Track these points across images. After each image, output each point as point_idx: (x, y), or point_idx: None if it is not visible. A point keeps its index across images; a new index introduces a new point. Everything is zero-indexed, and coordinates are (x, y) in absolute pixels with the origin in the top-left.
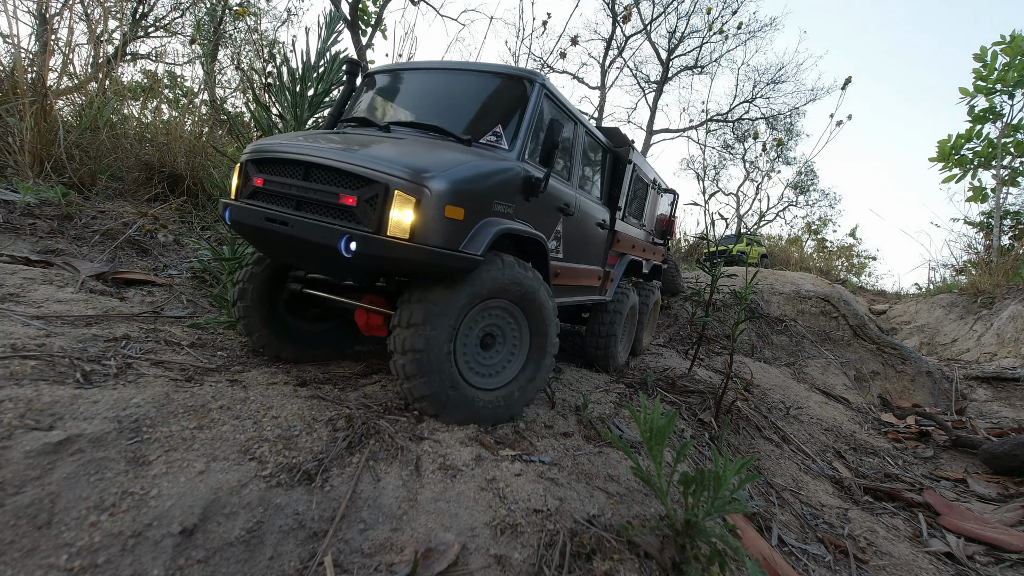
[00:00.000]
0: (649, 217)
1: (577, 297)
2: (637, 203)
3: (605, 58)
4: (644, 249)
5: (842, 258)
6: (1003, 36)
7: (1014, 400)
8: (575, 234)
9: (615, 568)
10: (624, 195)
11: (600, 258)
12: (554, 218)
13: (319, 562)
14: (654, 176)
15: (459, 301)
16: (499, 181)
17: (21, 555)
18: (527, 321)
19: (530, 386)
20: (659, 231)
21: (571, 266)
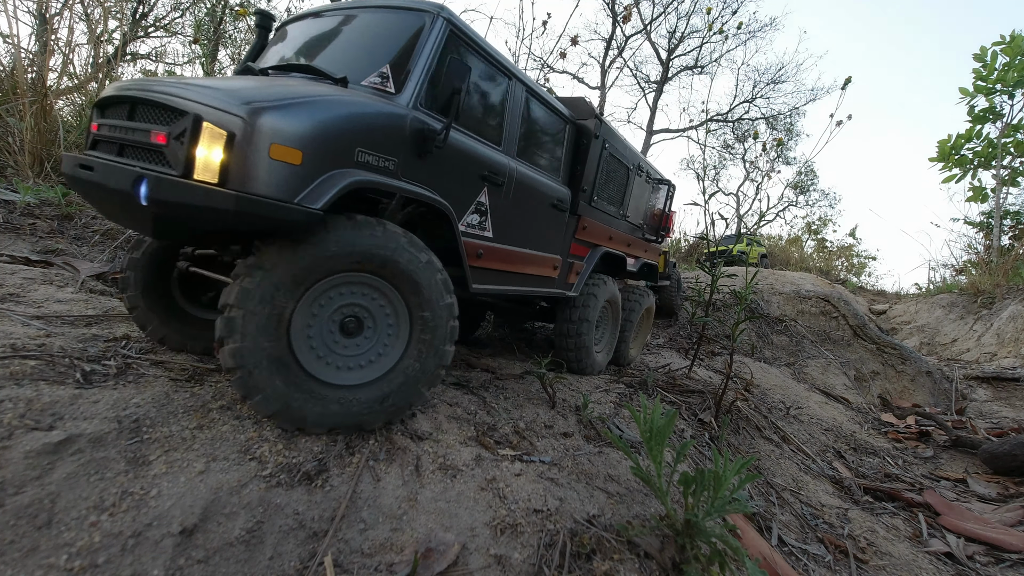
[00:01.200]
0: (635, 208)
1: (520, 287)
2: (614, 189)
3: (605, 58)
4: (629, 244)
5: (842, 258)
6: (1003, 36)
7: (1014, 400)
8: (514, 212)
9: (615, 568)
10: (591, 175)
11: (558, 245)
12: (473, 187)
13: (319, 562)
14: (639, 162)
15: (292, 273)
16: (367, 126)
17: (21, 555)
18: (404, 303)
19: (411, 386)
20: (652, 227)
21: (508, 249)
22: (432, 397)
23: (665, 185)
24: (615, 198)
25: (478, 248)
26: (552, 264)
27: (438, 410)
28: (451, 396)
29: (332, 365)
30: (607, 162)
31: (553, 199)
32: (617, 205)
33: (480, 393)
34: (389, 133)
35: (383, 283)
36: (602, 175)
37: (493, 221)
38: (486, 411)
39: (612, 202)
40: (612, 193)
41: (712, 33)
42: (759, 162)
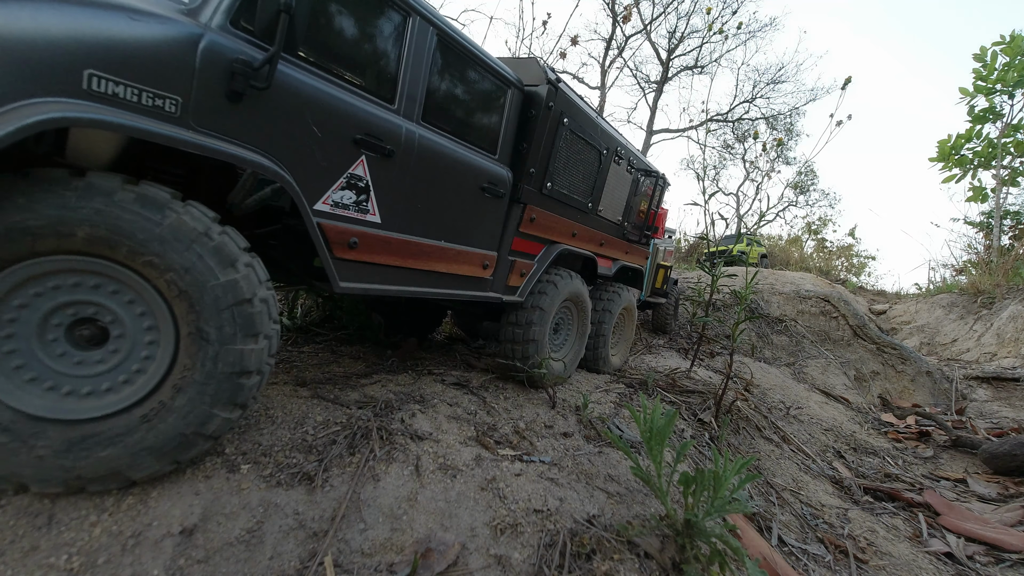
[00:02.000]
0: (612, 202)
1: (431, 288)
2: (579, 176)
3: (605, 58)
4: (601, 243)
5: (842, 258)
6: (1003, 36)
7: (1014, 400)
8: (418, 193)
9: (615, 568)
10: (541, 156)
11: (492, 239)
12: (339, 152)
13: (319, 562)
14: (618, 147)
15: None
16: (110, 40)
17: (21, 555)
18: (165, 302)
19: (172, 419)
20: (636, 225)
21: (407, 240)
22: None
23: (653, 178)
24: (581, 187)
25: (350, 235)
26: (481, 262)
27: (438, 410)
28: (451, 396)
29: (51, 388)
30: (567, 141)
31: (483, 181)
32: (584, 196)
33: (480, 393)
34: (163, 58)
35: (131, 274)
36: (559, 157)
37: (380, 202)
38: (486, 411)
39: (576, 192)
40: (576, 181)
41: (712, 33)
42: (759, 162)
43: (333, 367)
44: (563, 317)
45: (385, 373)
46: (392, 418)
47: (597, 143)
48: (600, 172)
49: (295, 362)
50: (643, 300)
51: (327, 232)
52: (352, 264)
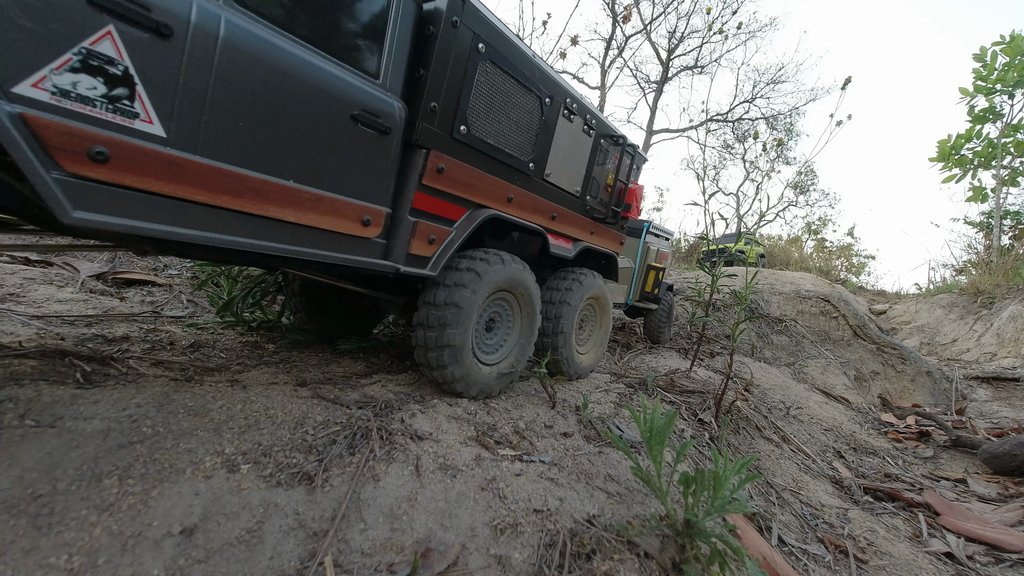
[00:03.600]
0: (566, 168)
1: (276, 244)
2: (512, 126)
3: (605, 58)
4: (554, 215)
5: (841, 258)
6: (1003, 36)
7: (1014, 400)
8: (241, 105)
9: (615, 568)
10: (449, 88)
11: (378, 188)
12: (60, 12)
13: (319, 562)
14: (568, 97)
15: None
16: None
17: (21, 555)
18: None
19: None
20: (603, 201)
21: (217, 168)
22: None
23: (620, 145)
24: (515, 140)
25: (91, 142)
26: (359, 215)
27: (438, 410)
28: (451, 396)
29: None
30: (488, 77)
31: (355, 108)
32: (522, 153)
33: None
34: None
35: None
36: (478, 96)
37: (160, 107)
38: (486, 411)
39: (509, 145)
40: (507, 131)
41: (712, 33)
42: (759, 162)
43: (333, 367)
44: (499, 312)
45: (385, 373)
46: (392, 418)
47: (535, 87)
48: (544, 126)
49: (295, 362)
50: (630, 305)
51: (39, 129)
52: (100, 187)
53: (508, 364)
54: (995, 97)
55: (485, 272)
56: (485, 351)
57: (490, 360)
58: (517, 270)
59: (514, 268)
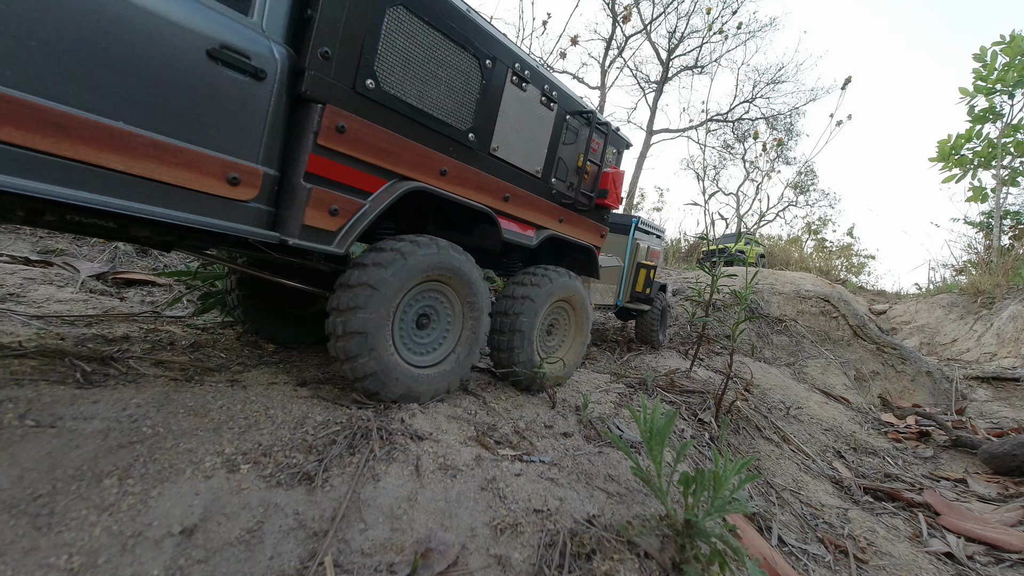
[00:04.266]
0: (521, 143)
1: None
2: (445, 87)
3: (605, 58)
4: (505, 196)
5: (841, 258)
6: (1003, 36)
7: (1014, 400)
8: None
9: (615, 568)
10: (347, 31)
11: (250, 142)
12: None
13: (319, 562)
14: (518, 62)
15: None
16: None
17: (21, 555)
18: None
19: None
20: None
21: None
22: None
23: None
24: (448, 105)
25: None
26: (223, 172)
27: (438, 410)
28: (451, 396)
29: None
30: (404, 27)
31: (212, 43)
32: (459, 120)
33: (480, 393)
34: None
35: None
36: (389, 47)
37: None
38: (486, 411)
39: (441, 110)
40: (436, 94)
41: (712, 33)
42: (759, 162)
43: (333, 367)
44: (434, 307)
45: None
46: (392, 418)
47: (470, 46)
48: (486, 92)
49: (295, 362)
50: (620, 307)
51: None
52: None
53: (443, 369)
54: (995, 97)
55: (412, 254)
56: (415, 350)
57: (421, 362)
58: (455, 258)
59: (451, 256)
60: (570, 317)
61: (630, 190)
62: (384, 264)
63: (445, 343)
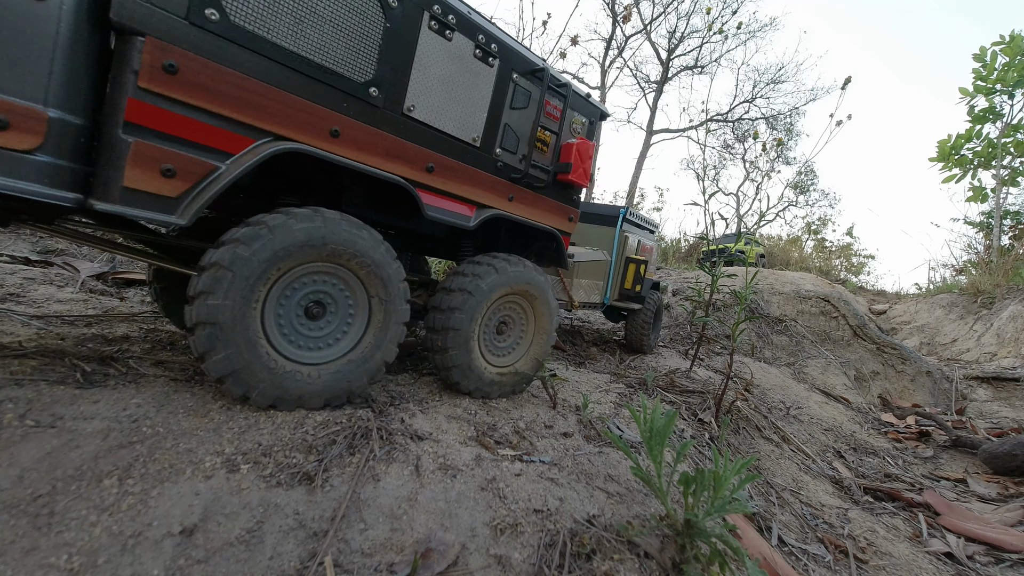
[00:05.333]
0: (449, 102)
1: None
2: (329, 27)
3: (605, 58)
4: (428, 166)
5: (841, 258)
6: (1003, 36)
7: (1014, 400)
8: None
9: (615, 568)
10: None
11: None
12: None
13: (319, 562)
14: (439, 4)
15: None
16: None
17: (21, 555)
18: None
19: None
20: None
21: None
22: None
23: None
24: (338, 52)
25: None
26: None
27: (438, 410)
28: (451, 396)
29: None
30: None
31: None
32: (356, 72)
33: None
34: None
35: None
36: None
37: None
38: (486, 411)
39: (326, 57)
40: (317, 35)
41: (712, 33)
42: (759, 162)
43: None
44: (331, 295)
45: (385, 373)
46: (392, 418)
47: None
48: (394, 39)
49: None
50: (607, 305)
51: None
52: None
53: (344, 367)
54: (995, 97)
55: (283, 228)
56: (301, 344)
57: (312, 358)
58: (349, 233)
59: (343, 231)
60: (527, 313)
61: (630, 190)
62: (245, 240)
63: (346, 338)
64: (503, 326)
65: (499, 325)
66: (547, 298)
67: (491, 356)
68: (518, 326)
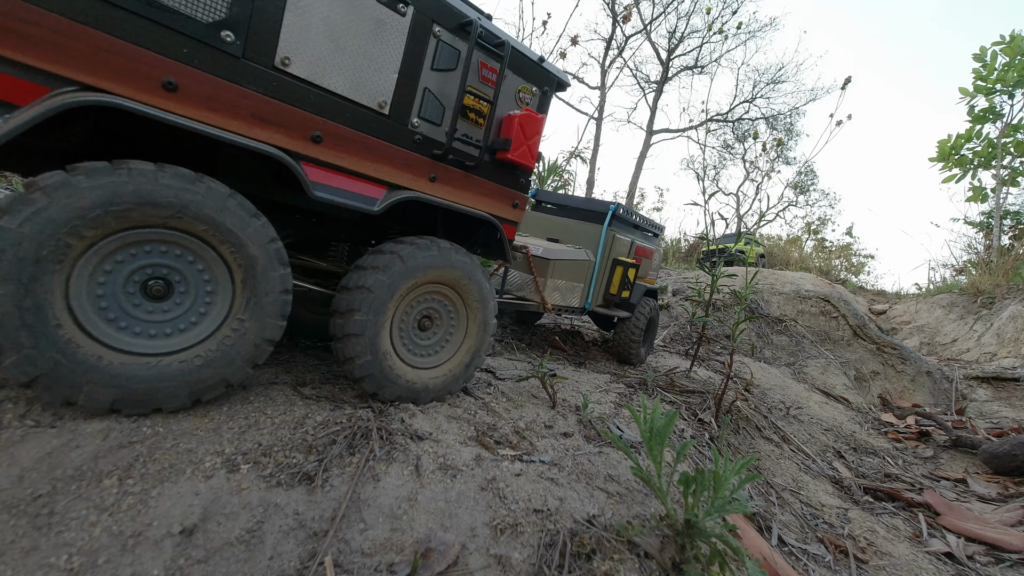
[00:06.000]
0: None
1: None
2: None
3: (605, 58)
4: (315, 136)
5: (841, 257)
6: (1003, 36)
7: (1014, 400)
8: None
9: (615, 568)
10: None
11: None
12: None
13: (319, 562)
14: None
15: None
16: None
17: (21, 555)
18: None
19: None
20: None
21: None
22: None
23: (474, 38)
24: None
25: None
26: None
27: (438, 410)
28: (451, 396)
29: None
30: None
31: None
32: (201, 10)
33: (480, 393)
34: None
35: None
36: None
37: None
38: (486, 411)
39: None
40: None
41: (712, 33)
42: (759, 162)
43: (333, 367)
44: (180, 271)
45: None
46: (392, 418)
47: None
48: None
49: (295, 362)
50: (589, 310)
51: None
52: None
53: (188, 360)
54: (995, 97)
55: (66, 189)
56: (144, 332)
57: (152, 347)
58: (172, 190)
59: (164, 188)
60: (456, 304)
61: (630, 190)
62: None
63: (199, 325)
64: (427, 321)
65: (421, 321)
66: (477, 284)
67: (414, 358)
68: (446, 320)
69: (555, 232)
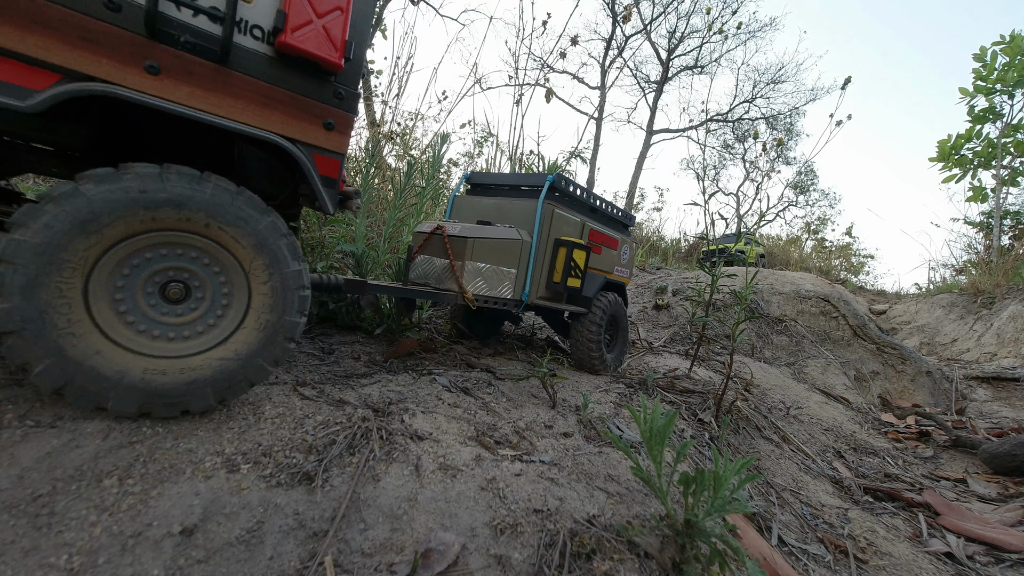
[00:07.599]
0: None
1: None
2: None
3: (605, 58)
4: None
5: (841, 257)
6: (1003, 36)
7: (1014, 400)
8: None
9: (615, 568)
10: None
11: None
12: None
13: (319, 562)
14: None
15: None
16: None
17: (21, 555)
18: None
19: None
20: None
21: None
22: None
23: None
24: None
25: None
26: None
27: (438, 410)
28: (451, 396)
29: None
30: None
31: None
32: None
33: (480, 393)
34: None
35: None
36: None
37: None
38: (486, 411)
39: None
40: None
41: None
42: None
43: (333, 367)
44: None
45: (385, 373)
46: (392, 418)
47: None
48: None
49: (295, 362)
50: (527, 304)
51: None
52: None
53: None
54: (995, 97)
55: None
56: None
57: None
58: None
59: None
60: (226, 263)
61: (630, 190)
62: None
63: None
64: (181, 288)
65: (167, 287)
66: (254, 230)
67: (154, 342)
68: (210, 285)
69: (488, 214)
